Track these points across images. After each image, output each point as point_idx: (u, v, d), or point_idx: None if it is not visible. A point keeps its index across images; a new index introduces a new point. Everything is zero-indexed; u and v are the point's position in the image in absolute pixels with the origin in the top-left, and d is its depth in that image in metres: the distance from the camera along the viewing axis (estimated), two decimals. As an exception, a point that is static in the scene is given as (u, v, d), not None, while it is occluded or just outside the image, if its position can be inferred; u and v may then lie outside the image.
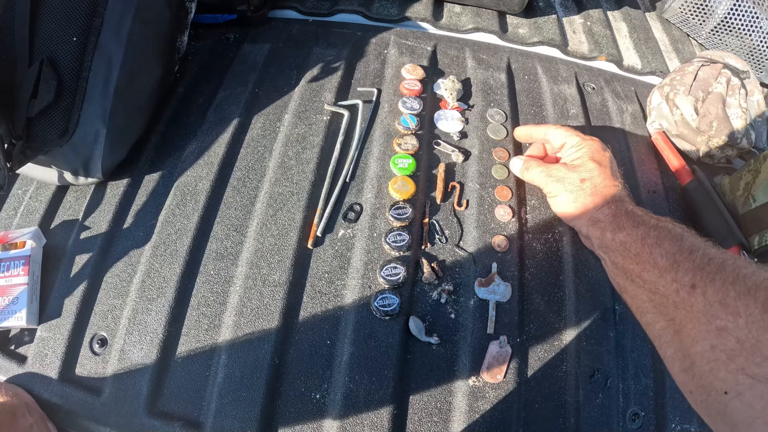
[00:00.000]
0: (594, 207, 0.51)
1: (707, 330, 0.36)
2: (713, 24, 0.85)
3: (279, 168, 0.59)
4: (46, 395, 0.48)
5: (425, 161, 0.62)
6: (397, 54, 0.73)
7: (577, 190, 0.52)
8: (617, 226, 0.48)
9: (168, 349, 0.49)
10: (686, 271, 0.40)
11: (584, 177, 0.52)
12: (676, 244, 0.42)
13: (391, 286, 0.51)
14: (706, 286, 0.38)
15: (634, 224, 0.47)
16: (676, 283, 0.40)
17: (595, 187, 0.51)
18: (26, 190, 0.60)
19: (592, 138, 0.55)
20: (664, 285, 0.41)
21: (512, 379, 0.49)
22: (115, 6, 0.55)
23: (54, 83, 0.52)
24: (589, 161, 0.53)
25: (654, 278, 0.42)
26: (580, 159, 0.54)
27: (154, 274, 0.52)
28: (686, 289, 0.39)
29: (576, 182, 0.52)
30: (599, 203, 0.51)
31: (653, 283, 0.42)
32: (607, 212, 0.50)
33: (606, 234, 0.49)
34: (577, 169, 0.53)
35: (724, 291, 0.36)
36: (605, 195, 0.51)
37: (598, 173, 0.52)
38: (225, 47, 0.74)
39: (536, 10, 0.83)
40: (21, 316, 0.50)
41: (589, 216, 0.51)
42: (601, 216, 0.50)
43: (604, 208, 0.50)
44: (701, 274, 0.39)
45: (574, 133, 0.56)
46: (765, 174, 0.60)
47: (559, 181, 0.54)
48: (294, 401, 0.47)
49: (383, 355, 0.49)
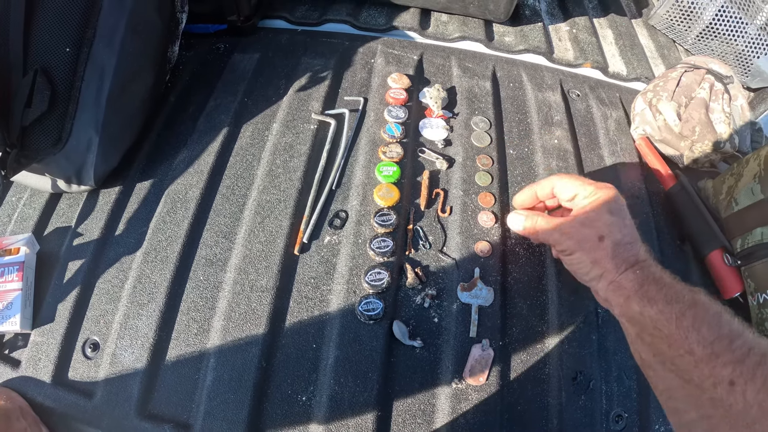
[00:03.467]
0: (616, 270, 0.45)
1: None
2: (699, 30, 0.87)
3: (267, 176, 0.62)
4: (40, 399, 0.49)
5: (410, 169, 0.64)
6: (383, 63, 0.75)
7: (595, 249, 0.47)
8: (646, 299, 0.42)
9: (158, 353, 0.51)
10: (725, 364, 0.36)
11: (603, 233, 0.47)
12: (714, 330, 0.38)
13: (375, 291, 0.54)
14: (746, 383, 0.35)
15: (667, 300, 0.41)
16: (713, 377, 0.36)
17: (616, 246, 0.46)
18: (20, 198, 0.62)
19: (606, 185, 0.50)
20: (699, 376, 0.37)
21: (495, 382, 0.51)
22: (108, 17, 0.57)
23: (48, 93, 0.54)
24: (606, 213, 0.47)
25: (689, 367, 0.38)
26: (597, 211, 0.48)
27: (145, 279, 0.54)
28: (724, 385, 0.36)
29: (593, 240, 0.47)
30: (622, 266, 0.45)
31: (687, 372, 0.38)
32: (632, 278, 0.44)
33: (632, 305, 0.43)
34: (594, 223, 0.47)
35: (765, 392, 0.34)
36: (628, 256, 0.46)
37: (618, 228, 0.47)
38: (215, 57, 0.76)
39: (522, 19, 0.85)
40: (15, 321, 0.51)
41: (610, 280, 0.46)
42: (625, 282, 0.45)
43: (629, 273, 0.45)
44: (741, 368, 0.35)
45: (586, 181, 0.50)
46: (747, 177, 0.62)
47: (573, 237, 0.48)
48: (281, 403, 0.49)
49: (368, 358, 0.51)
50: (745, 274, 0.59)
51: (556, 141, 0.70)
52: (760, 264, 0.57)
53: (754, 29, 0.85)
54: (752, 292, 0.58)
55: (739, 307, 0.60)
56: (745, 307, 0.59)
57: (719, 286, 0.61)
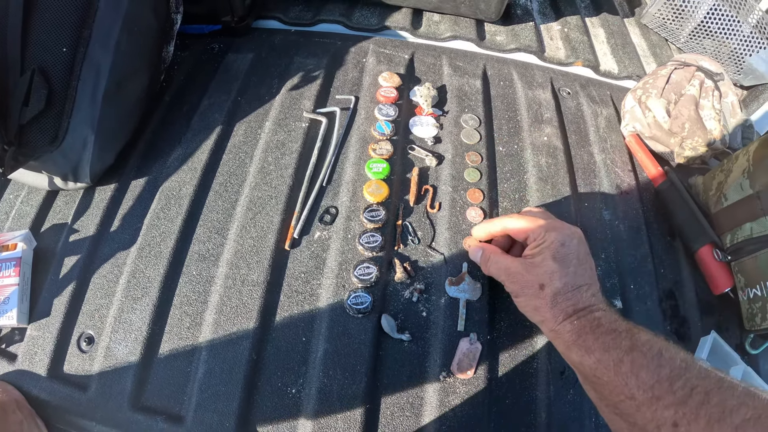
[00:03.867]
0: (554, 319, 0.46)
1: None
2: (691, 28, 0.88)
3: (259, 173, 0.63)
4: (35, 392, 0.50)
5: (399, 165, 0.65)
6: (375, 62, 0.76)
7: (536, 297, 0.47)
8: (584, 348, 0.43)
9: (152, 346, 0.52)
10: (667, 406, 0.36)
11: (543, 282, 0.47)
12: (654, 373, 0.38)
13: (364, 285, 0.55)
14: (690, 424, 0.35)
15: (605, 348, 0.41)
16: (656, 420, 0.37)
17: (555, 296, 0.46)
18: (17, 195, 0.63)
19: (557, 227, 0.49)
20: (642, 420, 0.38)
21: (483, 375, 0.52)
22: (104, 18, 0.58)
23: (45, 92, 0.55)
24: (549, 260, 0.47)
25: (631, 411, 0.39)
26: (541, 256, 0.48)
27: (139, 274, 0.56)
28: (668, 427, 0.36)
29: (534, 287, 0.47)
30: (560, 317, 0.45)
31: (631, 416, 0.39)
32: (570, 328, 0.44)
33: (571, 354, 0.44)
34: (536, 270, 0.48)
35: (709, 431, 0.34)
36: (566, 306, 0.46)
37: (558, 277, 0.46)
38: (210, 56, 0.78)
39: (514, 18, 0.86)
40: (12, 316, 0.52)
41: (549, 328, 0.46)
42: (563, 332, 0.45)
43: (566, 323, 0.45)
44: (683, 409, 0.35)
45: (537, 221, 0.50)
46: (736, 173, 0.62)
47: (517, 282, 0.49)
48: (271, 395, 0.50)
49: (356, 351, 0.52)
50: (735, 269, 0.60)
51: (546, 138, 0.71)
52: (750, 259, 0.57)
53: (746, 27, 0.85)
54: (742, 288, 0.58)
55: (730, 303, 0.60)
56: (735, 303, 0.60)
57: (709, 281, 0.62)
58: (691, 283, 0.62)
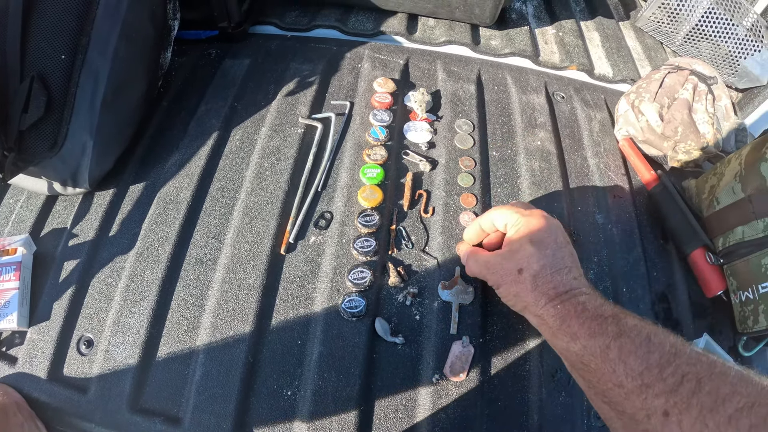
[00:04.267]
0: (536, 303, 0.45)
1: None
2: (685, 31, 0.88)
3: (255, 178, 0.64)
4: (36, 394, 0.51)
5: (394, 171, 0.66)
6: (370, 68, 0.77)
7: (516, 283, 0.46)
8: (569, 335, 0.41)
9: (150, 349, 0.53)
10: (657, 394, 0.35)
11: (521, 266, 0.46)
12: (642, 360, 0.37)
13: (359, 289, 0.56)
14: (682, 414, 0.33)
15: (591, 334, 0.40)
16: (646, 409, 0.35)
17: (534, 279, 0.45)
18: (17, 200, 0.64)
19: (532, 212, 0.49)
20: (632, 408, 0.36)
21: (475, 378, 0.53)
22: (102, 25, 0.59)
23: (44, 98, 0.56)
24: (527, 244, 0.47)
25: (620, 399, 0.37)
26: (519, 242, 0.48)
27: (138, 279, 0.57)
28: (658, 416, 0.34)
29: (513, 273, 0.47)
30: (542, 300, 0.44)
31: (619, 404, 0.37)
32: (553, 313, 0.43)
33: (557, 341, 0.43)
34: (514, 256, 0.47)
35: (701, 421, 0.32)
36: (547, 288, 0.45)
37: (536, 259, 0.46)
38: (207, 62, 0.79)
39: (509, 22, 0.87)
40: (12, 319, 0.53)
41: (534, 313, 0.45)
42: (547, 317, 0.44)
43: (549, 307, 0.44)
44: (675, 398, 0.34)
45: (514, 209, 0.50)
46: (729, 177, 0.62)
47: (496, 272, 0.48)
48: (267, 398, 0.51)
49: (351, 354, 0.52)
50: (728, 272, 0.60)
51: (539, 143, 0.72)
52: (742, 262, 0.57)
53: (741, 30, 0.86)
54: (735, 290, 0.59)
55: (723, 305, 0.61)
56: (728, 305, 0.60)
57: (702, 284, 0.62)
58: (683, 286, 0.63)
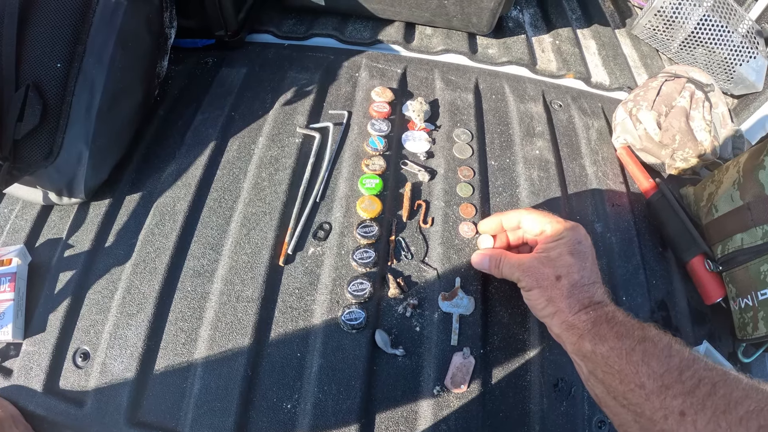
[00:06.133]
0: (569, 310, 0.47)
1: None
2: (681, 39, 0.90)
3: (253, 189, 0.64)
4: (31, 407, 0.51)
5: (392, 181, 0.67)
6: (367, 77, 0.78)
7: (552, 288, 0.49)
8: (598, 337, 0.44)
9: (147, 362, 0.53)
10: (675, 395, 0.38)
11: (560, 273, 0.49)
12: (664, 363, 0.40)
13: (358, 301, 0.56)
14: (697, 414, 0.36)
15: (618, 336, 0.43)
16: (664, 409, 0.38)
17: (572, 287, 0.48)
18: (12, 210, 0.64)
19: (573, 225, 0.52)
20: (650, 409, 0.39)
21: (476, 389, 0.53)
22: (98, 33, 0.59)
23: (39, 107, 0.55)
24: (567, 255, 0.49)
25: (640, 400, 0.40)
26: (558, 251, 0.50)
27: (134, 290, 0.57)
28: (675, 416, 0.37)
29: (551, 279, 0.49)
30: (576, 307, 0.47)
31: (639, 406, 0.40)
32: (585, 318, 0.46)
33: (584, 343, 0.45)
34: (554, 263, 0.50)
35: (715, 422, 0.35)
36: (583, 298, 0.48)
37: (576, 270, 0.49)
38: (204, 71, 0.79)
39: (506, 31, 0.88)
40: (7, 331, 0.53)
41: (563, 319, 0.48)
42: (578, 322, 0.46)
43: (581, 314, 0.47)
44: (691, 399, 0.37)
45: (553, 219, 0.53)
46: (727, 184, 0.63)
47: (532, 276, 0.50)
48: (266, 411, 0.51)
49: (351, 366, 0.53)
50: (727, 279, 0.61)
51: (538, 152, 0.73)
52: (741, 269, 0.58)
53: (736, 37, 0.87)
54: (734, 297, 0.60)
55: (722, 312, 0.62)
56: (727, 312, 0.61)
57: (701, 291, 0.63)
58: (683, 294, 0.64)
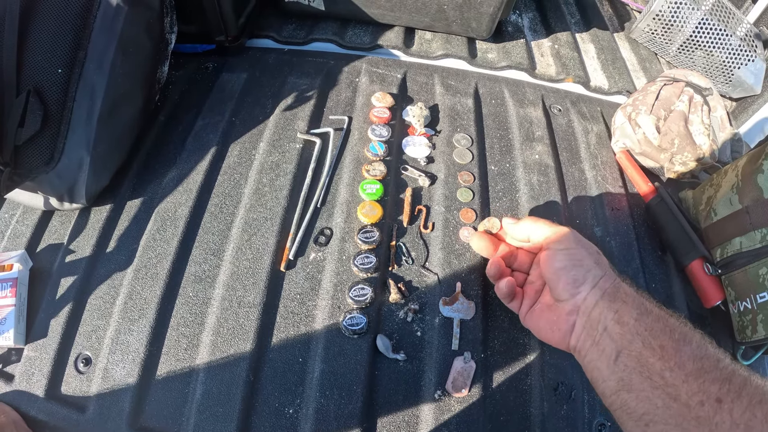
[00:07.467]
0: (617, 274, 0.48)
1: None
2: (680, 42, 0.91)
3: (254, 194, 0.65)
4: (33, 413, 0.52)
5: (393, 186, 0.67)
6: (367, 82, 0.79)
7: (597, 254, 0.49)
8: (643, 307, 0.43)
9: (149, 367, 0.54)
10: (713, 380, 0.37)
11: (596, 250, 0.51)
12: (702, 348, 0.39)
13: (359, 306, 0.57)
14: (733, 402, 0.35)
15: (660, 310, 0.43)
16: (702, 393, 0.37)
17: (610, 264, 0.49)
18: (13, 215, 0.64)
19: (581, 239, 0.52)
20: (687, 392, 0.37)
21: (477, 393, 0.54)
22: (99, 39, 0.59)
23: (40, 113, 0.56)
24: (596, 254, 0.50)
25: (677, 382, 0.38)
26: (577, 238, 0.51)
27: (136, 296, 0.57)
28: (711, 402, 0.36)
29: (592, 246, 0.50)
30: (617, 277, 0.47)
31: (675, 388, 0.38)
32: (627, 289, 0.46)
33: (629, 310, 0.44)
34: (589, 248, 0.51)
35: (750, 411, 0.34)
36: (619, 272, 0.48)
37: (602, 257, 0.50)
38: (204, 76, 0.80)
39: (505, 35, 0.89)
40: (8, 336, 0.54)
41: (611, 282, 0.47)
42: (626, 287, 0.46)
43: (628, 281, 0.47)
44: (728, 386, 0.36)
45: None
46: (725, 188, 0.64)
47: (575, 236, 0.51)
48: (268, 416, 0.51)
49: (352, 371, 0.53)
50: (726, 282, 0.62)
51: (537, 156, 0.73)
52: (740, 273, 0.59)
53: (734, 40, 0.88)
54: (733, 301, 0.60)
55: (721, 315, 0.63)
56: (726, 315, 0.62)
57: (700, 295, 0.64)
58: (682, 297, 0.65)
